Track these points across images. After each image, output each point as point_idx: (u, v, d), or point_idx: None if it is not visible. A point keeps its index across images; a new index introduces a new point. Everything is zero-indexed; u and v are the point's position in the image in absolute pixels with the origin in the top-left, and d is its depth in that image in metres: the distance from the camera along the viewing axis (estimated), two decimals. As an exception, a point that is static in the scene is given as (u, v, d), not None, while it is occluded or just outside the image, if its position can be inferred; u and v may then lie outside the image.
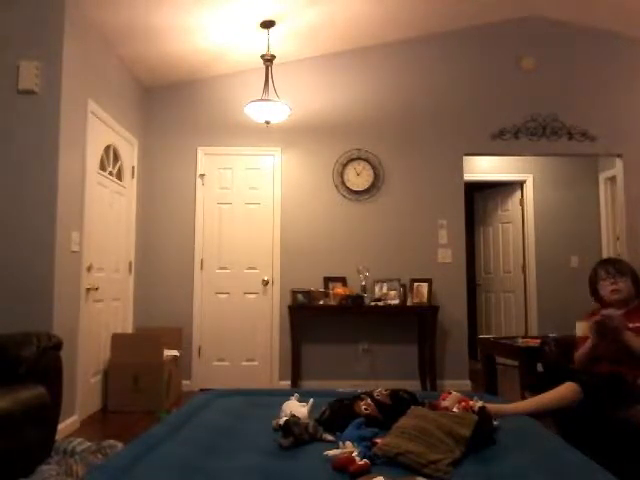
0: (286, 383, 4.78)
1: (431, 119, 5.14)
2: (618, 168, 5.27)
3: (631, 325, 2.49)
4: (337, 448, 1.58)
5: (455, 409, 1.89)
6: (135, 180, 4.81)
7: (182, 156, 5.09)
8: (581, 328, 2.56)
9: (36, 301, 3.26)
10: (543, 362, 3.04)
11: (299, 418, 1.78)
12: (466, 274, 5.10)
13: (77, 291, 3.65)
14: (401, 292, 4.76)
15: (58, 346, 2.78)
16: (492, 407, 2.01)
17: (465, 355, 4.99)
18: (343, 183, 5.06)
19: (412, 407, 1.83)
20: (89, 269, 3.85)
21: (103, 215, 4.14)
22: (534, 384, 3.16)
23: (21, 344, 2.62)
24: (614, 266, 2.68)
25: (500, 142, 5.13)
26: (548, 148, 5.15)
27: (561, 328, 4.88)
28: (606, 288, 2.66)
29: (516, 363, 3.62)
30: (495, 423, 1.80)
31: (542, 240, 6.19)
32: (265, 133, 5.08)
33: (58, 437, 2.92)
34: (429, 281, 4.80)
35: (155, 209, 5.06)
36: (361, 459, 1.45)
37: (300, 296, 4.77)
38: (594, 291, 2.78)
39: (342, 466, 1.44)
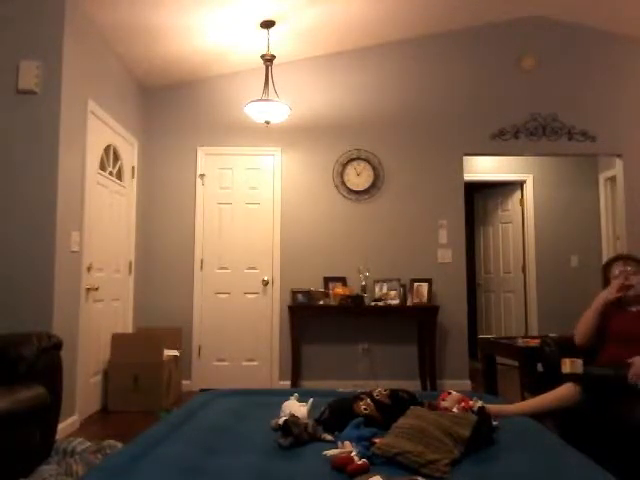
0: (286, 383, 4.78)
1: (431, 119, 5.14)
2: (618, 168, 5.27)
3: None
4: (336, 448, 1.58)
5: (455, 409, 1.89)
6: (135, 180, 4.81)
7: (182, 156, 5.10)
8: (567, 365, 2.50)
9: (36, 301, 3.26)
10: (543, 362, 3.04)
11: (298, 418, 1.78)
12: (466, 274, 5.10)
13: (77, 291, 3.65)
14: (401, 292, 4.76)
15: (58, 346, 2.78)
16: (492, 407, 2.01)
17: (465, 355, 4.99)
18: (343, 183, 5.06)
19: (411, 407, 1.83)
20: (89, 269, 3.85)
21: (103, 215, 4.14)
22: (534, 384, 3.16)
23: (21, 344, 2.62)
24: (625, 262, 2.67)
25: (500, 142, 5.13)
26: (548, 148, 5.15)
27: (561, 328, 4.89)
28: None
29: (516, 363, 3.62)
30: (495, 423, 1.80)
31: (542, 240, 6.18)
32: (265, 133, 5.08)
33: (58, 437, 2.92)
34: (429, 281, 4.80)
35: (155, 209, 5.06)
36: (360, 459, 1.45)
37: (300, 296, 4.77)
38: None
39: (341, 465, 1.44)
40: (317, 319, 4.95)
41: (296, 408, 1.89)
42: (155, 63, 4.68)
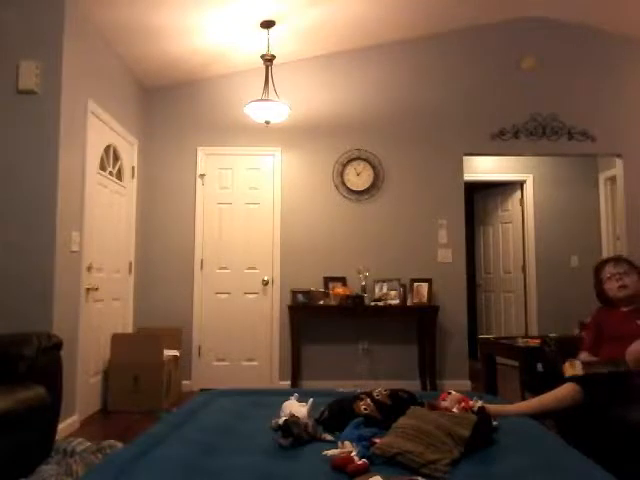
0: (286, 383, 4.78)
1: (431, 119, 5.14)
2: (618, 168, 5.27)
3: None
4: (336, 448, 1.58)
5: (455, 409, 1.89)
6: (135, 180, 4.81)
7: (182, 156, 5.10)
8: (567, 369, 2.47)
9: (36, 301, 3.26)
10: (543, 362, 3.04)
11: (298, 418, 1.78)
12: (466, 274, 5.10)
13: (77, 291, 3.65)
14: (401, 292, 4.76)
15: (58, 346, 2.78)
16: (493, 407, 2.01)
17: (465, 355, 4.99)
18: (343, 183, 5.06)
19: (411, 407, 1.83)
20: (89, 269, 3.85)
21: (103, 215, 4.14)
22: (534, 384, 3.16)
23: (21, 344, 2.62)
24: (615, 264, 2.67)
25: (500, 142, 5.13)
26: (548, 148, 5.15)
27: (561, 328, 4.90)
28: (612, 287, 2.65)
29: (516, 363, 3.62)
30: (495, 423, 1.80)
31: (542, 240, 6.18)
32: (265, 133, 5.08)
33: (58, 437, 2.92)
34: (429, 281, 4.80)
35: (155, 209, 5.06)
36: (360, 459, 1.45)
37: (300, 296, 4.77)
38: (600, 294, 2.76)
39: (341, 465, 1.44)
40: (317, 319, 4.95)
41: (296, 408, 1.89)
42: (155, 63, 4.68)
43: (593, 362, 2.48)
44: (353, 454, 1.48)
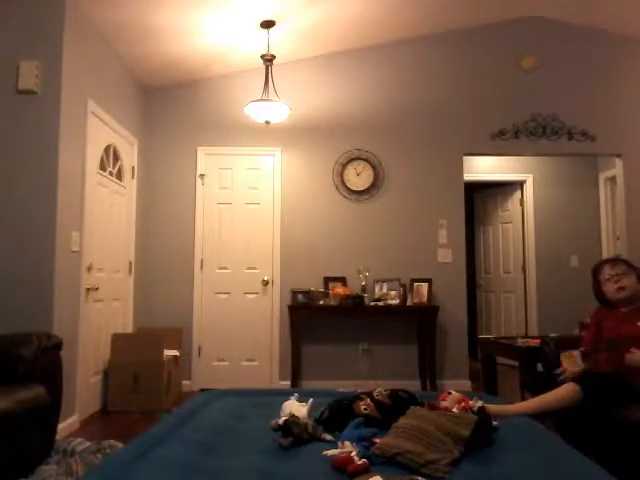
0: (286, 383, 4.78)
1: (431, 119, 5.14)
2: (618, 168, 5.27)
3: None
4: (336, 448, 1.58)
5: (454, 409, 1.89)
6: (135, 180, 4.81)
7: (182, 156, 5.10)
8: (565, 359, 2.49)
9: (36, 301, 3.26)
10: (543, 362, 3.04)
11: (298, 418, 1.78)
12: (466, 274, 5.10)
13: (77, 291, 3.65)
14: (401, 292, 4.76)
15: (58, 346, 2.78)
16: (493, 407, 2.01)
17: (465, 355, 4.99)
18: (343, 183, 5.06)
19: (411, 407, 1.83)
20: (89, 269, 3.85)
21: (103, 215, 4.14)
22: (534, 384, 3.16)
23: (21, 344, 2.62)
24: (613, 265, 2.68)
25: (500, 142, 5.13)
26: (548, 148, 5.15)
27: (561, 328, 4.89)
28: (611, 289, 2.65)
29: (516, 363, 3.62)
30: (495, 423, 1.80)
31: (542, 240, 6.18)
32: (265, 133, 5.08)
33: (58, 437, 2.92)
34: (429, 281, 4.80)
35: (155, 209, 5.06)
36: (360, 459, 1.45)
37: (300, 296, 4.77)
38: (599, 295, 2.76)
39: (341, 465, 1.44)
40: (317, 319, 4.94)
41: (296, 408, 1.89)
42: (155, 63, 4.68)
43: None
44: (353, 454, 1.48)
